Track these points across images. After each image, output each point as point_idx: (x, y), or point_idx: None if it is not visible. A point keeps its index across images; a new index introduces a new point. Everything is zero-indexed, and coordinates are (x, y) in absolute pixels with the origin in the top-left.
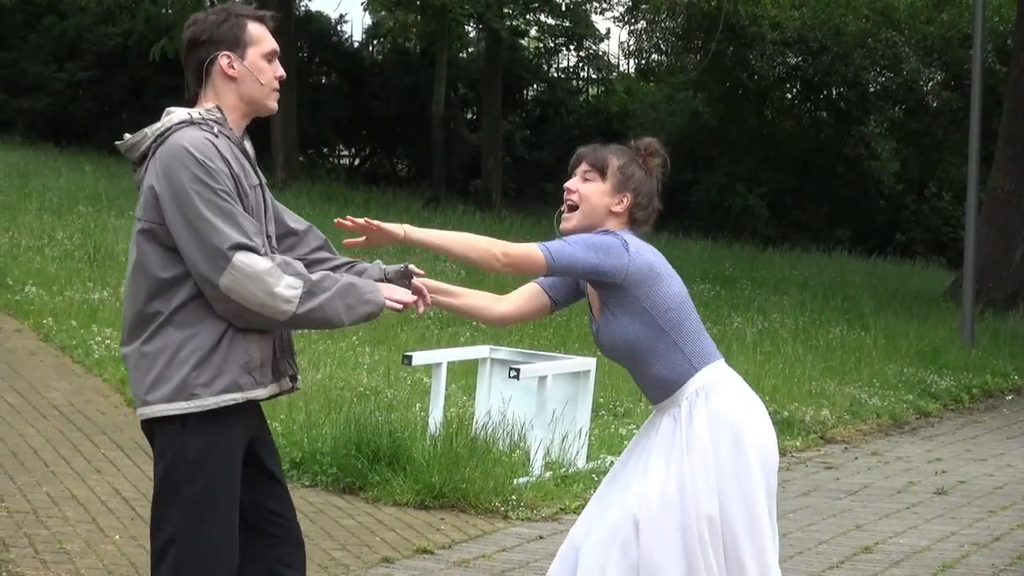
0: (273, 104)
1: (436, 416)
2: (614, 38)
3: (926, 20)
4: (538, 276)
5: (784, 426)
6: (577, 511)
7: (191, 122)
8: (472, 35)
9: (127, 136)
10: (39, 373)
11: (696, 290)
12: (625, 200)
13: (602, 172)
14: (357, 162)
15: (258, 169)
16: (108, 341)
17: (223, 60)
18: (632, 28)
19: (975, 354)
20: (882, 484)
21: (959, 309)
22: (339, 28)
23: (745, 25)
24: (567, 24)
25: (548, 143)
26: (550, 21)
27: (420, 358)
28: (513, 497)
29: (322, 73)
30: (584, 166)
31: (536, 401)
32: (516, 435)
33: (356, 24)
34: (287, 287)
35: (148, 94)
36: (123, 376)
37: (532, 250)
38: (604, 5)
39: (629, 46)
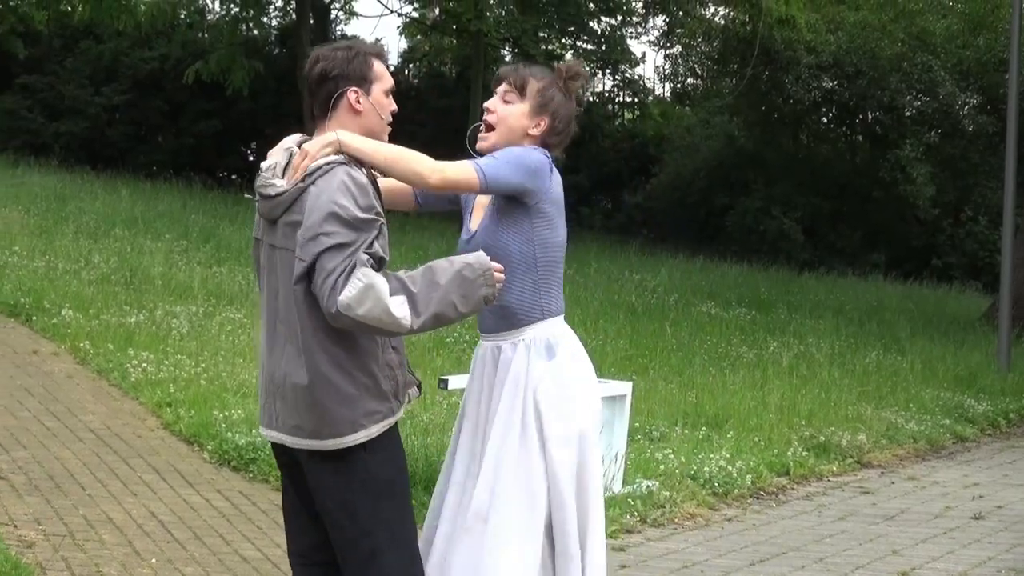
0: (386, 137)
1: None
2: (649, 62)
3: (962, 44)
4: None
5: (820, 450)
6: (613, 535)
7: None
8: (508, 59)
9: (276, 182)
10: (76, 396)
11: (732, 314)
12: (543, 124)
13: (521, 92)
14: None
15: None
16: (144, 364)
17: (351, 95)
18: (668, 52)
19: (1012, 379)
20: (919, 509)
21: (996, 334)
22: None
23: (780, 49)
24: (603, 48)
25: (583, 167)
26: (586, 46)
27: (456, 382)
28: None
29: None
30: (505, 86)
31: None
32: None
33: (392, 48)
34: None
35: (184, 117)
36: (159, 399)
37: (467, 171)
38: (639, 29)
39: (665, 70)
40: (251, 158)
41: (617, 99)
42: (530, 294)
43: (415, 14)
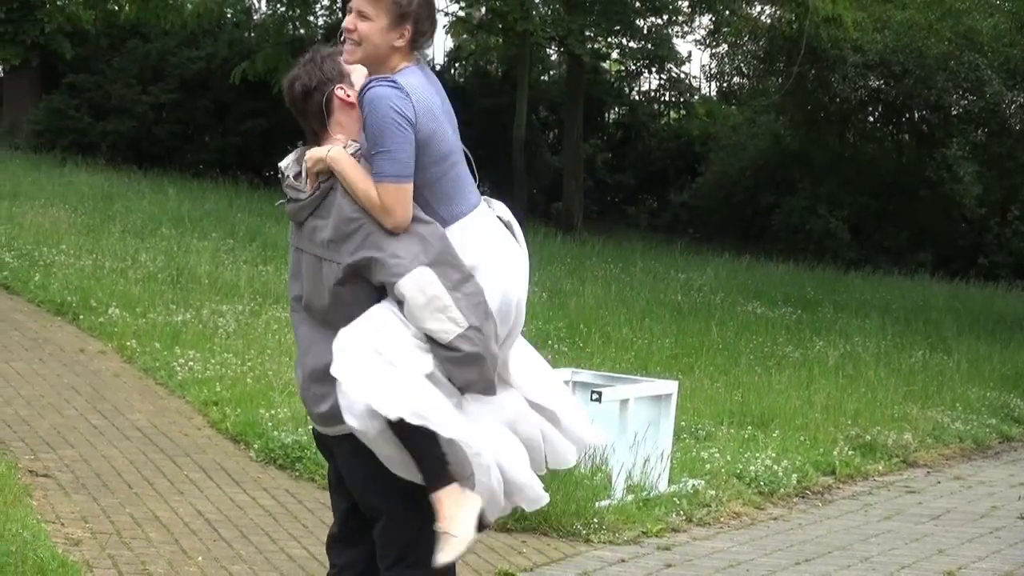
0: None
1: None
2: (695, 61)
3: (1009, 43)
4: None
5: (866, 450)
6: (659, 534)
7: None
8: (554, 58)
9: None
10: (122, 395)
11: (778, 313)
12: (406, 33)
13: (376, 7)
14: None
15: None
16: (191, 363)
17: (339, 92)
18: (714, 51)
19: None
20: (965, 509)
21: None
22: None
23: (827, 48)
24: (649, 47)
25: (629, 166)
26: (632, 44)
27: None
28: (595, 520)
29: None
30: (357, 1)
31: (618, 424)
32: (598, 458)
33: (438, 47)
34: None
35: (231, 117)
36: (206, 398)
37: (398, 192)
38: (685, 28)
39: (711, 69)
40: None
41: (663, 98)
42: (426, 211)
43: (461, 13)
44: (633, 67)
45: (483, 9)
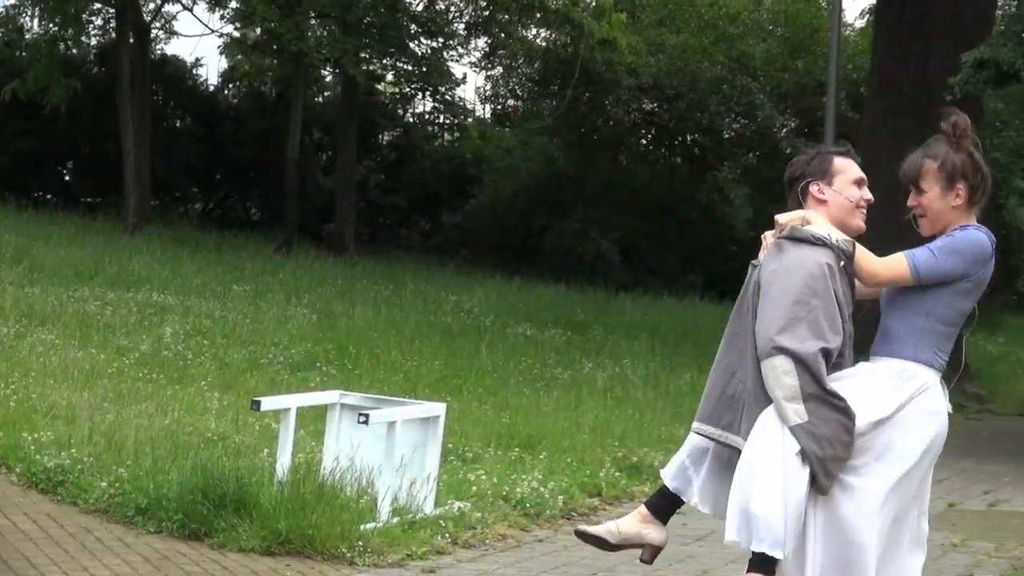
0: (857, 222)
1: (284, 462)
2: (470, 83)
3: (781, 68)
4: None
5: (633, 471)
6: (424, 557)
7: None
8: (328, 79)
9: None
10: None
11: (548, 335)
12: (960, 192)
13: (926, 181)
14: (211, 206)
15: None
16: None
17: (812, 187)
18: (489, 73)
19: None
20: None
21: None
22: (195, 72)
23: (601, 71)
24: (423, 70)
25: (402, 188)
26: (407, 67)
27: (269, 403)
28: (359, 543)
29: (176, 117)
30: (910, 184)
31: (385, 446)
32: (364, 481)
33: (212, 68)
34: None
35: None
36: None
37: (900, 269)
38: (461, 51)
39: (485, 91)
40: (67, 177)
41: (437, 120)
42: (912, 334)
43: (236, 34)
44: (408, 89)
45: (258, 30)
